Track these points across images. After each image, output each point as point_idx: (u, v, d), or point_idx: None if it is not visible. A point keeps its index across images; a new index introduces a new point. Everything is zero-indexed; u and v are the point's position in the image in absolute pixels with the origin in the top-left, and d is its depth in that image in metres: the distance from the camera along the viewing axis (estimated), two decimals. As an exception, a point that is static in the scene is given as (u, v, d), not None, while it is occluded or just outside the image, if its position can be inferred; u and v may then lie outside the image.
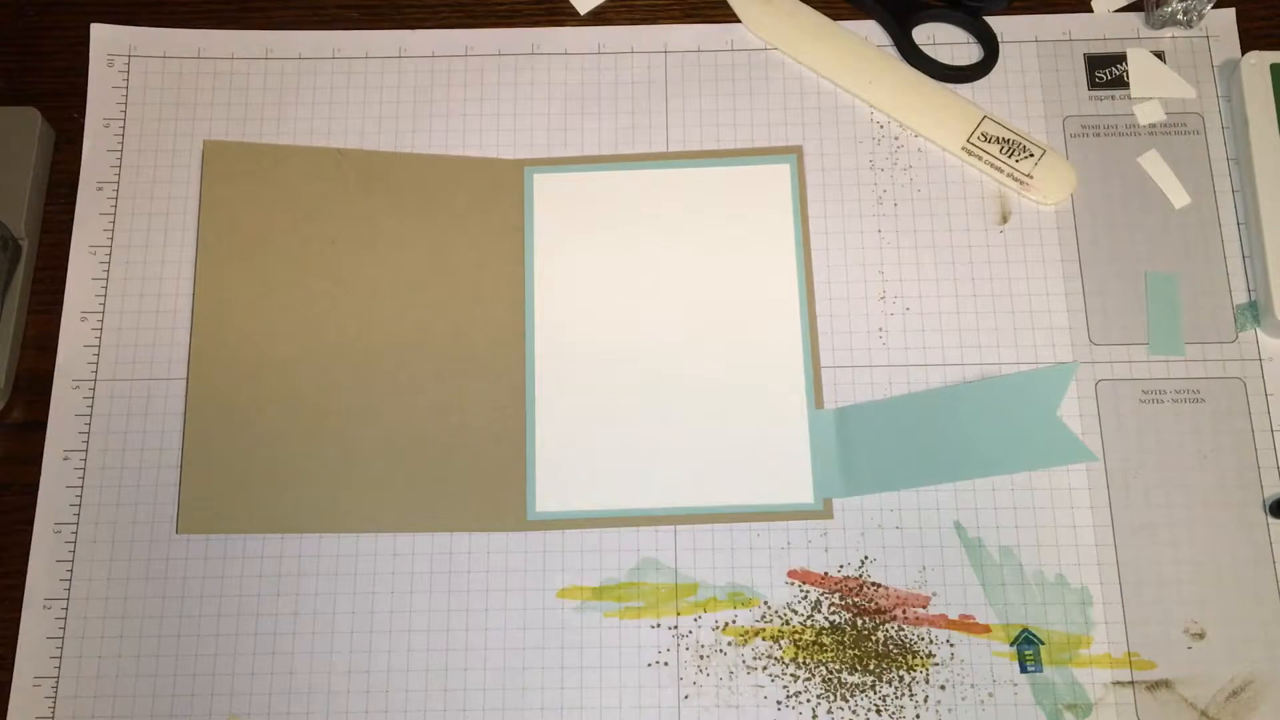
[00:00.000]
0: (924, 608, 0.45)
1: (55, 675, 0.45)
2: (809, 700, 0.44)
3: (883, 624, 0.45)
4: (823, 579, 0.46)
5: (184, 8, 0.54)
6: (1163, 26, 0.52)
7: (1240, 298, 0.49)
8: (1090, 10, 0.53)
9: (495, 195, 0.51)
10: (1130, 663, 0.44)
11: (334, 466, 0.47)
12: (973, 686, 0.44)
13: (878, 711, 0.44)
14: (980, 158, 0.50)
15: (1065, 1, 0.54)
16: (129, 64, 0.53)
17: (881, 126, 0.52)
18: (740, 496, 0.47)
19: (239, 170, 0.51)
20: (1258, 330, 0.48)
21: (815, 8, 0.53)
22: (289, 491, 0.47)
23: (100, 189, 0.51)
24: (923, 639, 0.45)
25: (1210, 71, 0.52)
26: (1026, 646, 0.45)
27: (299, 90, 0.52)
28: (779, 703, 0.44)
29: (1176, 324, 0.48)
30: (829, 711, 0.44)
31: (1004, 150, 0.50)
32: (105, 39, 0.53)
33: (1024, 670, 0.44)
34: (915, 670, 0.44)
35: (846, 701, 0.44)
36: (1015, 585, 0.45)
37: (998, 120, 0.51)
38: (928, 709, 0.44)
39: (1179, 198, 0.50)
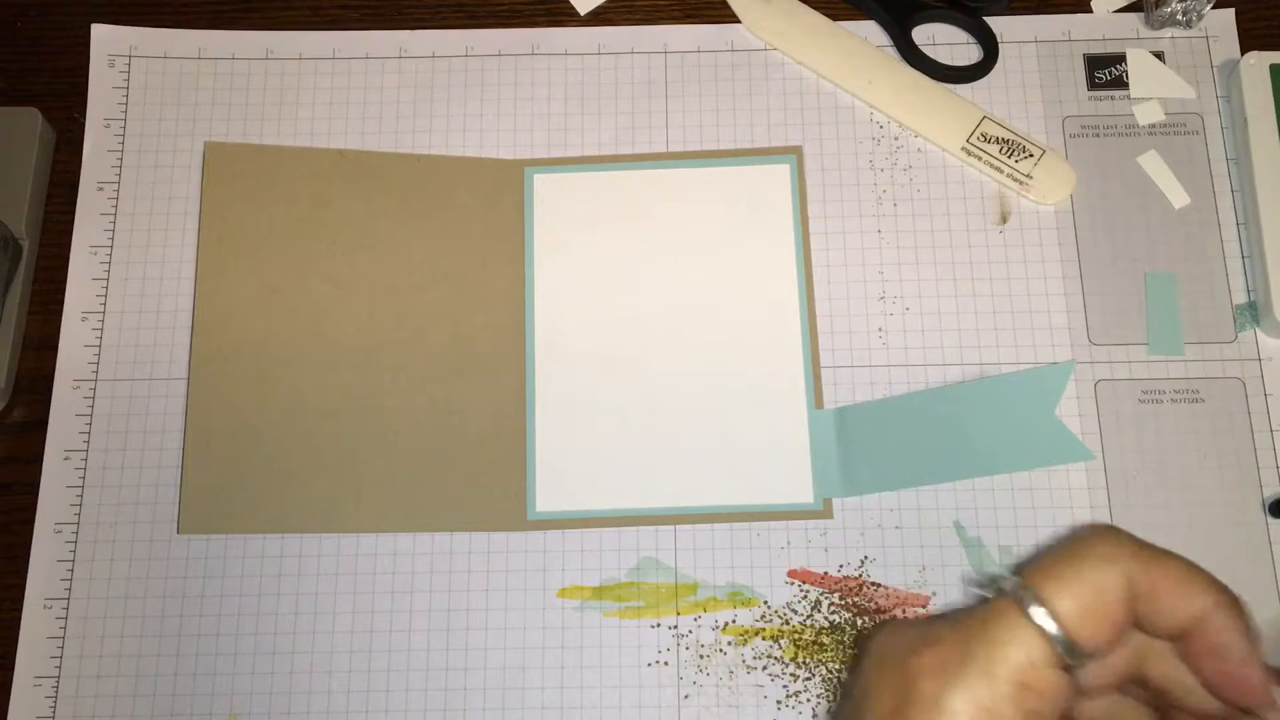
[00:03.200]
0: (924, 607, 0.45)
1: (55, 675, 0.45)
2: (809, 700, 0.44)
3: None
4: (823, 579, 0.46)
5: (185, 8, 0.54)
6: (1162, 27, 0.52)
7: (1239, 298, 0.49)
8: (1090, 10, 0.53)
9: (495, 195, 0.51)
10: (1130, 662, 0.44)
11: (334, 467, 0.47)
12: (972, 686, 0.44)
13: (878, 711, 0.44)
14: (980, 158, 0.50)
15: (1065, 1, 0.54)
16: (129, 64, 0.53)
17: (881, 127, 0.52)
18: (740, 496, 0.47)
19: (239, 171, 0.51)
20: (1257, 330, 0.48)
21: (815, 8, 0.53)
22: (289, 491, 0.47)
23: (101, 189, 0.51)
24: (922, 639, 0.45)
25: (1210, 72, 0.52)
26: (1026, 646, 0.45)
27: (299, 90, 0.52)
28: (779, 703, 0.44)
29: (1176, 324, 0.48)
30: (829, 711, 0.44)
31: (1004, 150, 0.50)
32: (106, 39, 0.53)
33: (1024, 670, 0.44)
34: (915, 670, 0.44)
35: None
36: (1015, 585, 0.45)
37: (997, 120, 0.51)
38: (927, 709, 0.44)
39: (1178, 198, 0.50)
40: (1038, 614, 0.27)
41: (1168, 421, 0.47)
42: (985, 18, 0.53)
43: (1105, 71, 0.52)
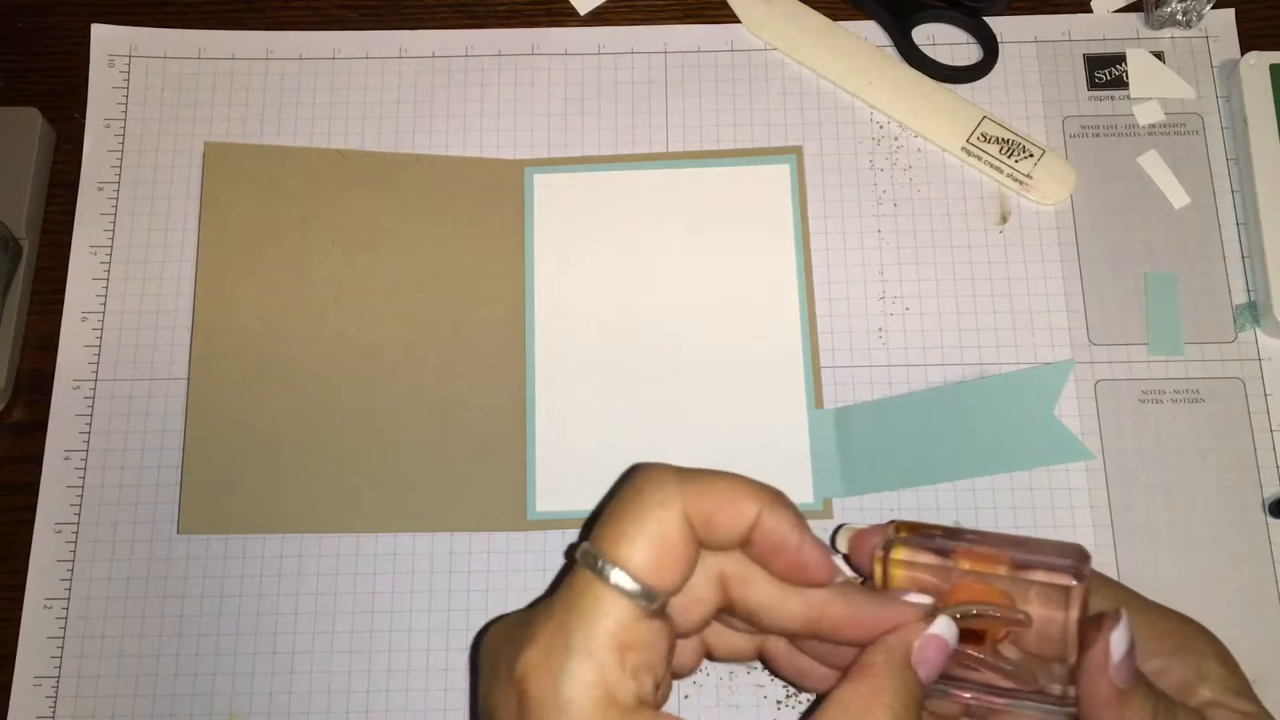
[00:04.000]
0: (924, 607, 0.45)
1: (55, 675, 0.45)
2: (809, 700, 0.44)
3: (882, 624, 0.45)
4: (822, 579, 0.46)
5: (185, 8, 0.54)
6: (1162, 27, 0.52)
7: (1239, 298, 0.49)
8: (1090, 10, 0.54)
9: (495, 195, 0.51)
10: (1130, 662, 0.44)
11: (334, 467, 0.47)
12: (972, 686, 0.44)
13: (878, 711, 0.44)
14: (980, 158, 0.50)
15: (1065, 1, 0.54)
16: (129, 64, 0.53)
17: (881, 126, 0.52)
18: (740, 496, 0.46)
19: (240, 171, 0.51)
20: (1257, 330, 0.48)
21: (815, 8, 0.53)
22: (289, 491, 0.47)
23: (101, 189, 0.51)
24: (922, 639, 0.45)
25: (1210, 72, 0.52)
26: (1026, 646, 0.45)
27: (299, 90, 0.52)
28: (779, 702, 0.44)
29: (1176, 324, 0.49)
30: None
31: (1003, 150, 0.50)
32: (106, 39, 0.53)
33: (1024, 670, 0.44)
34: (915, 670, 0.44)
35: (846, 701, 0.44)
36: (1015, 585, 0.45)
37: (997, 120, 0.51)
38: (927, 709, 0.44)
39: (1178, 198, 0.50)
40: (615, 576, 0.29)
41: (1168, 421, 0.47)
42: (985, 18, 0.53)
43: (1105, 71, 0.52)
